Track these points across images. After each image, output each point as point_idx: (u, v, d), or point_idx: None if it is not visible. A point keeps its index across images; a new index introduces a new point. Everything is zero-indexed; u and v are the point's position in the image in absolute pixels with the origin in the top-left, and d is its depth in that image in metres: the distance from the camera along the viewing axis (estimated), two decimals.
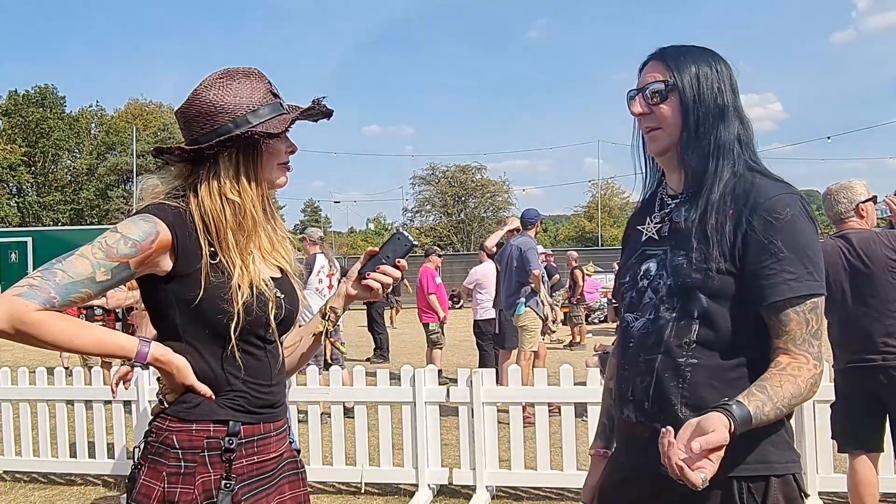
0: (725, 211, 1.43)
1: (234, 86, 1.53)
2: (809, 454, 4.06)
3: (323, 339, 1.71)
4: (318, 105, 1.60)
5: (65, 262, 1.40)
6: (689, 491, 1.42)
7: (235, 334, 1.48)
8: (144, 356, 1.45)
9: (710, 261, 1.41)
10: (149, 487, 1.45)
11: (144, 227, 1.45)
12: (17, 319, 1.32)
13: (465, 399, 4.42)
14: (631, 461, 1.55)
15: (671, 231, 1.52)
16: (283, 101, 1.59)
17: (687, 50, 1.52)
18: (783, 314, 1.38)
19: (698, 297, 1.42)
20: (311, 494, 1.80)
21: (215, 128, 1.51)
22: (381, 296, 1.66)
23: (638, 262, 1.57)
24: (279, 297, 1.56)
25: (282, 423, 1.62)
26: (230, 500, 1.46)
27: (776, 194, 1.41)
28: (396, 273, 1.65)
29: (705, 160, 1.47)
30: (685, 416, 1.41)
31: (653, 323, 1.49)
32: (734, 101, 1.50)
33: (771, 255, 1.38)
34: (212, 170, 1.52)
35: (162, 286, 1.50)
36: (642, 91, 1.52)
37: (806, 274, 1.38)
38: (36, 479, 5.15)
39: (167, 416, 1.49)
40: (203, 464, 1.46)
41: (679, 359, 1.44)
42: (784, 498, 1.41)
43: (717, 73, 1.49)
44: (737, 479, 1.40)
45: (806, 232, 1.40)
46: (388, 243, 1.68)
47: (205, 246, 1.50)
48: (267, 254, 1.61)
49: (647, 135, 1.54)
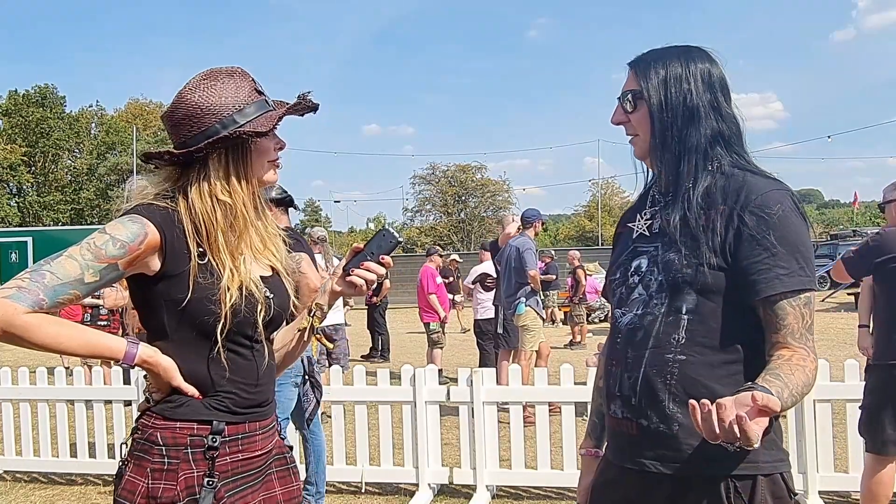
0: (716, 208, 1.44)
1: (218, 86, 1.52)
2: (810, 454, 4.06)
3: (307, 335, 1.69)
4: (303, 100, 1.59)
5: (53, 264, 1.40)
6: (677, 489, 1.43)
7: (222, 336, 1.49)
8: (132, 357, 1.46)
9: (701, 256, 1.42)
10: (133, 483, 1.47)
11: (133, 228, 1.45)
12: (5, 322, 1.32)
13: (465, 399, 4.42)
14: (619, 458, 1.55)
15: (661, 228, 1.53)
16: (269, 99, 1.59)
17: (660, 55, 1.54)
18: (779, 308, 1.39)
19: (689, 292, 1.43)
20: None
21: (203, 129, 1.51)
22: (365, 292, 1.66)
23: (629, 258, 1.57)
24: (268, 298, 1.56)
25: (269, 421, 1.62)
26: (212, 497, 1.47)
27: (768, 190, 1.42)
28: (381, 270, 1.63)
29: (677, 162, 1.49)
30: (672, 412, 1.43)
31: (641, 318, 1.49)
32: (711, 98, 1.50)
33: (764, 250, 1.39)
34: (201, 172, 1.52)
35: (150, 286, 1.50)
36: (620, 100, 1.56)
37: (798, 269, 1.39)
38: (36, 479, 5.15)
39: (152, 414, 1.50)
40: (186, 461, 1.47)
41: (667, 354, 1.44)
42: (772, 497, 1.41)
43: (688, 73, 1.49)
44: (724, 477, 1.40)
45: (798, 228, 1.41)
46: (373, 240, 1.66)
47: (193, 247, 1.50)
48: (258, 252, 1.61)
49: (630, 141, 1.58)
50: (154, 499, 1.44)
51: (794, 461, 4.14)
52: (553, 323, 16.21)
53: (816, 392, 4.08)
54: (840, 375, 4.09)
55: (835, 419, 4.17)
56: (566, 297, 14.71)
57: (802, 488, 4.09)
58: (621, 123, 1.57)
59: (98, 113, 46.15)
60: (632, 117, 1.54)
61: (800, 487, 4.11)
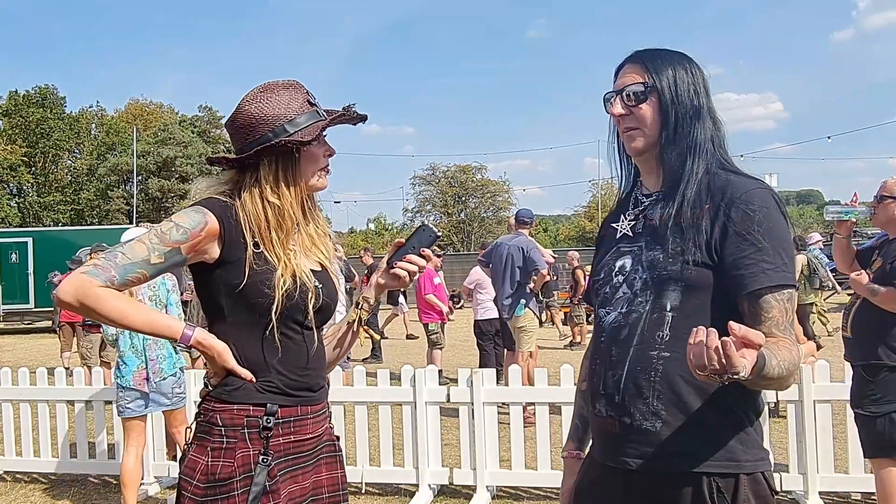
0: (701, 206, 1.45)
1: (273, 98, 1.67)
2: (810, 454, 4.06)
3: (356, 326, 1.84)
4: (348, 112, 1.73)
5: (125, 246, 1.58)
6: (660, 487, 1.44)
7: (276, 317, 1.61)
8: (188, 339, 1.60)
9: (686, 253, 1.43)
10: (194, 461, 1.61)
11: (195, 217, 1.61)
12: (81, 293, 1.50)
13: (465, 399, 4.42)
14: (603, 457, 1.56)
15: (646, 227, 1.54)
16: (320, 109, 1.72)
17: (662, 52, 1.57)
18: (764, 301, 1.40)
19: (673, 290, 1.44)
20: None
21: (256, 138, 1.66)
22: (409, 283, 1.78)
23: (613, 258, 1.59)
24: (318, 287, 1.70)
25: (320, 406, 1.74)
26: (266, 474, 1.59)
27: (751, 188, 1.44)
28: (422, 262, 1.76)
29: (683, 158, 1.51)
30: (656, 409, 1.44)
31: (626, 316, 1.50)
32: (708, 102, 1.55)
33: (750, 245, 1.40)
34: (253, 176, 1.68)
35: (210, 272, 1.65)
36: (620, 93, 1.55)
37: (782, 264, 1.40)
38: (36, 480, 5.16)
39: (211, 398, 1.64)
40: (243, 440, 1.60)
41: (652, 352, 1.44)
42: (754, 496, 1.42)
43: (692, 75, 1.54)
44: (706, 476, 1.41)
45: (780, 225, 1.43)
46: (414, 235, 1.78)
47: (249, 238, 1.64)
48: (308, 249, 1.76)
49: (626, 135, 1.57)
50: (213, 475, 1.58)
51: (795, 461, 4.15)
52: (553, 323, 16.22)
53: (816, 392, 4.09)
54: (840, 376, 4.08)
55: (835, 420, 4.17)
56: (566, 298, 14.72)
57: (803, 489, 4.09)
58: (621, 116, 1.56)
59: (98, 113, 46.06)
60: (636, 110, 1.53)
61: (800, 488, 4.11)
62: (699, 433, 1.42)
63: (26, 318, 19.05)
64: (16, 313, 18.92)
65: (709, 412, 1.42)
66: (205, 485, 1.57)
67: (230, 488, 1.56)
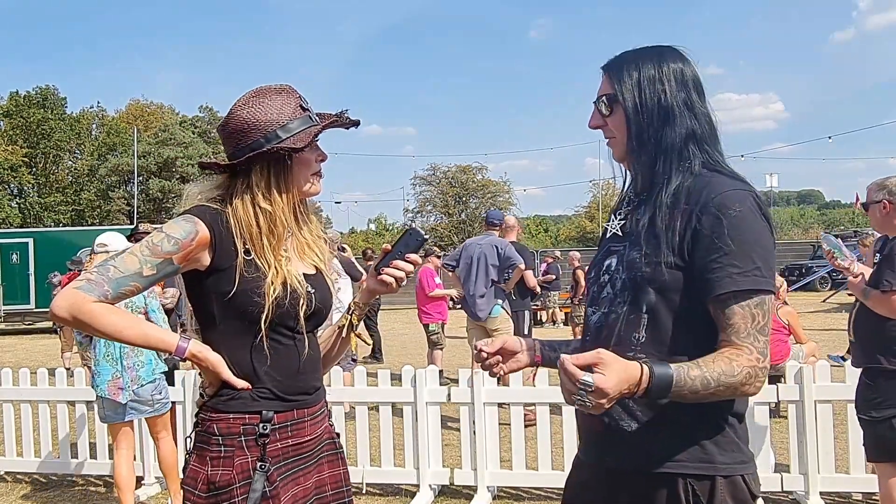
0: (678, 208, 1.43)
1: (265, 103, 1.66)
2: (811, 454, 4.06)
3: (346, 332, 1.85)
4: (341, 118, 1.74)
5: (117, 260, 1.58)
6: (638, 487, 1.45)
7: (265, 324, 1.62)
8: (183, 351, 1.61)
9: (660, 255, 1.42)
10: (195, 471, 1.63)
11: (186, 227, 1.61)
12: (75, 309, 1.51)
13: (466, 399, 4.43)
14: (587, 456, 1.59)
15: (632, 228, 1.54)
16: (313, 114, 1.71)
17: (632, 56, 1.54)
18: (728, 308, 1.37)
19: (648, 291, 1.44)
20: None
21: (248, 143, 1.65)
22: (397, 289, 1.78)
23: (602, 257, 1.60)
24: (310, 293, 1.69)
25: (317, 408, 1.75)
26: (265, 479, 1.60)
27: (728, 190, 1.41)
28: (409, 267, 1.75)
29: (653, 163, 1.50)
30: (632, 410, 1.45)
31: (606, 317, 1.51)
32: (686, 97, 1.49)
33: (717, 250, 1.38)
34: (245, 182, 1.67)
35: (202, 280, 1.65)
36: (595, 104, 1.57)
37: (753, 269, 1.37)
38: (37, 480, 5.16)
39: (208, 409, 1.65)
40: (240, 448, 1.61)
41: (628, 353, 1.43)
42: (732, 499, 1.40)
43: (662, 73, 1.49)
44: (682, 477, 1.41)
45: (755, 228, 1.39)
46: (400, 239, 1.77)
47: (240, 246, 1.64)
48: (302, 253, 1.76)
49: (608, 144, 1.59)
50: (213, 483, 1.59)
51: (795, 462, 4.15)
52: (554, 324, 16.22)
53: (817, 392, 4.09)
54: (841, 376, 4.09)
55: (835, 420, 4.17)
56: (566, 298, 14.73)
57: (804, 489, 4.09)
58: (598, 127, 1.58)
59: (99, 114, 46.07)
60: (608, 121, 1.55)
61: (801, 488, 4.11)
62: (674, 434, 1.42)
63: (27, 319, 19.06)
64: (17, 314, 18.93)
65: (683, 413, 1.41)
66: (206, 494, 1.60)
67: (231, 495, 1.59)
